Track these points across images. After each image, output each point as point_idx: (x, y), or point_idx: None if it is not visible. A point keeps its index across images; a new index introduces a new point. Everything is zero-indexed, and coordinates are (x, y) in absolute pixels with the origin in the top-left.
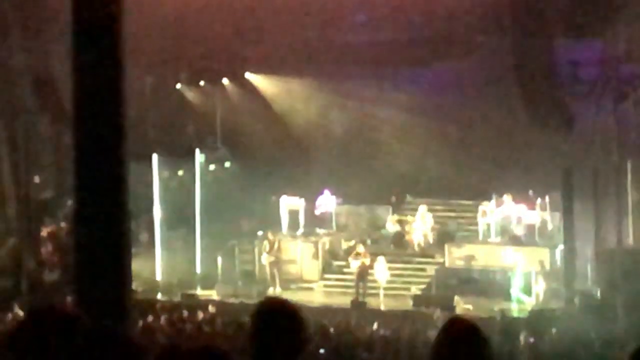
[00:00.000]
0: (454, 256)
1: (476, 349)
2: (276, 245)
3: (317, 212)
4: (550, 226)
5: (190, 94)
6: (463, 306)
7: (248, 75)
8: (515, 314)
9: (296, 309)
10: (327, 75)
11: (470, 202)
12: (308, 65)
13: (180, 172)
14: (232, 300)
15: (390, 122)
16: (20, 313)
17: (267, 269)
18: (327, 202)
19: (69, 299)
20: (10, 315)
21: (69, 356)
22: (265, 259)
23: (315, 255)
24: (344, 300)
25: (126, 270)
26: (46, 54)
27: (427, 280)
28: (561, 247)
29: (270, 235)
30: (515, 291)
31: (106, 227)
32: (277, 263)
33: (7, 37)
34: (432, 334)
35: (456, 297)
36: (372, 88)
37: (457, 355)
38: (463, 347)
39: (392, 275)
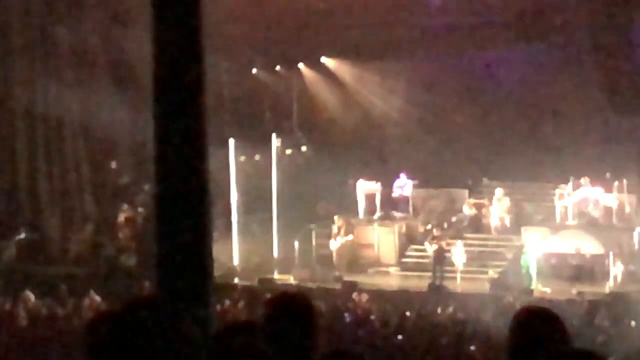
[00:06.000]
0: (531, 240)
1: (550, 335)
2: (353, 230)
3: (394, 196)
4: (628, 209)
5: (267, 79)
6: (541, 289)
7: (324, 59)
8: (593, 297)
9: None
10: (403, 59)
11: (547, 186)
12: (383, 49)
13: (257, 157)
14: (309, 284)
15: (468, 105)
16: (97, 299)
17: (344, 254)
18: (404, 186)
19: (147, 284)
20: (87, 301)
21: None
22: (342, 244)
23: (393, 239)
24: (421, 284)
25: (208, 255)
26: (121, 36)
27: (504, 263)
28: (639, 229)
29: (344, 220)
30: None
31: (187, 213)
32: (353, 247)
33: (83, 19)
34: (510, 317)
35: (534, 281)
36: (449, 72)
37: (533, 343)
38: (538, 334)
39: (469, 258)
